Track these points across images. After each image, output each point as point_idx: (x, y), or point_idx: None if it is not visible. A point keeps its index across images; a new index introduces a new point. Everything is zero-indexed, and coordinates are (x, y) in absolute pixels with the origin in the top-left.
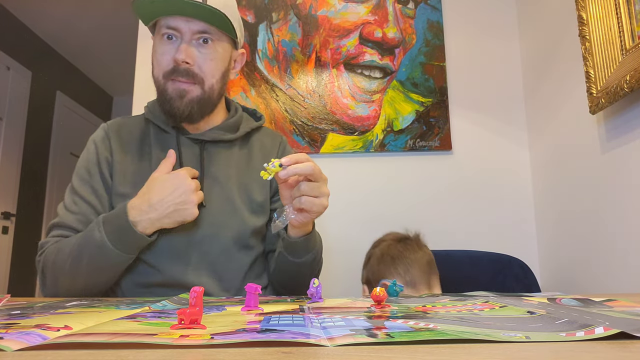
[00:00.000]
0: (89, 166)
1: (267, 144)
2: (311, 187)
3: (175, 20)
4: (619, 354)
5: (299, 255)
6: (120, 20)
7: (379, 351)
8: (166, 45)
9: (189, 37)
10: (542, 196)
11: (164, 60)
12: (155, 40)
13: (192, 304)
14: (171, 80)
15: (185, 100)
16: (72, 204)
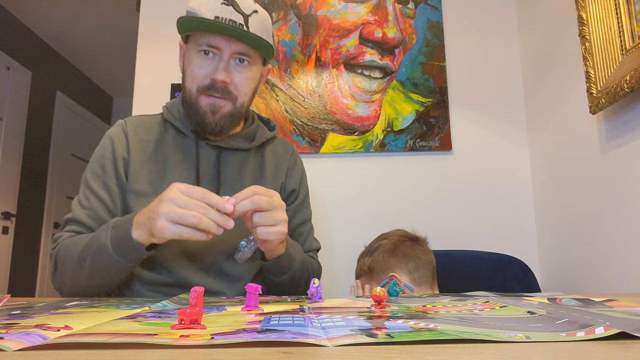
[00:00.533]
0: (104, 162)
1: (279, 152)
2: (263, 217)
3: (217, 39)
4: (619, 354)
5: (275, 275)
6: (120, 21)
7: (379, 351)
8: (204, 60)
9: (227, 57)
10: (542, 196)
11: (200, 74)
12: (189, 51)
13: (193, 304)
14: (205, 95)
15: (217, 115)
16: (85, 199)
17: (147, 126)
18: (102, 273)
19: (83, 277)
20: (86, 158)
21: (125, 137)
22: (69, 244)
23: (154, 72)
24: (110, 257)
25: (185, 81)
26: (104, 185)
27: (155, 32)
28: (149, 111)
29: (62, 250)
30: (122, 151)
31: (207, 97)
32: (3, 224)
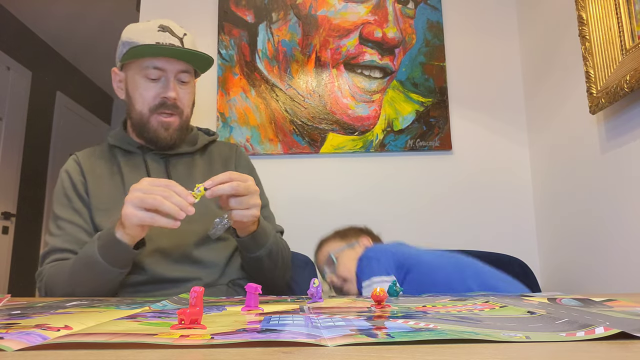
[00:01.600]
0: (66, 192)
1: (225, 152)
2: (239, 201)
3: (162, 62)
4: (619, 354)
5: (252, 251)
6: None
7: (379, 351)
8: (149, 83)
9: (172, 76)
10: (542, 196)
11: (149, 96)
12: (133, 77)
13: (192, 304)
14: (156, 114)
15: (170, 131)
16: (57, 229)
17: (97, 154)
18: (94, 285)
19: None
20: None
21: (79, 166)
22: (54, 271)
23: None
24: (100, 266)
25: (133, 104)
26: (73, 210)
27: None
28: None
29: (49, 278)
30: (79, 178)
31: (158, 115)
32: (3, 224)
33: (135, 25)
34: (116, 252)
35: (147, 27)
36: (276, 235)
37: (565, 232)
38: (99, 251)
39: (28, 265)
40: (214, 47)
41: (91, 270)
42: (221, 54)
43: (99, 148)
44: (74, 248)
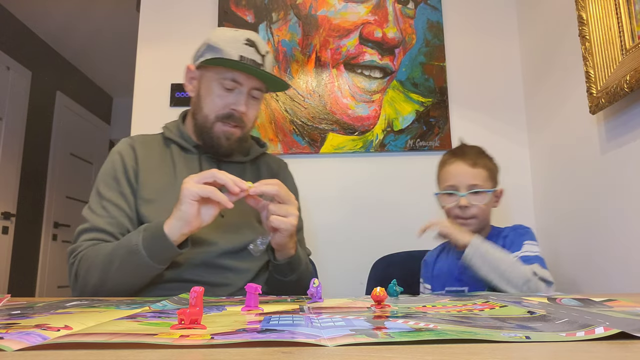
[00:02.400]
0: (116, 174)
1: (273, 167)
2: (278, 207)
3: (241, 76)
4: (619, 354)
5: (284, 274)
6: (120, 21)
7: (379, 351)
8: (224, 91)
9: (247, 91)
10: (542, 196)
11: (220, 104)
12: (209, 80)
13: (192, 304)
14: (221, 122)
15: (230, 141)
16: (101, 209)
17: (151, 143)
18: (128, 277)
19: (109, 281)
20: (86, 158)
21: (132, 151)
22: (93, 252)
23: (154, 72)
24: (140, 258)
25: (202, 106)
26: (120, 194)
27: (155, 32)
28: (149, 111)
29: (86, 258)
30: (131, 162)
31: (223, 124)
32: (3, 224)
33: (223, 32)
34: (160, 248)
35: (234, 37)
36: (307, 263)
37: (565, 232)
38: (143, 243)
39: (28, 265)
40: None
41: (130, 261)
42: None
43: (154, 137)
44: (115, 232)
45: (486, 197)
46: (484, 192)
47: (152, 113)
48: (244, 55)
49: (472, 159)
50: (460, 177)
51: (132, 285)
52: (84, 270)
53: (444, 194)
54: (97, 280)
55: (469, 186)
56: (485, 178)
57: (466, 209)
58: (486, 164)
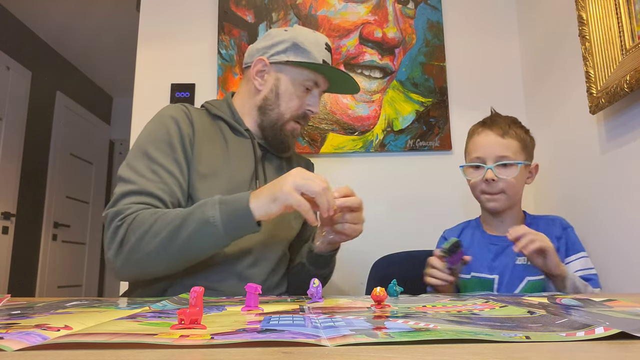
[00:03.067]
0: (171, 140)
1: (302, 166)
2: (354, 216)
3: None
4: (619, 354)
5: (321, 267)
6: (120, 21)
7: (379, 351)
8: (304, 92)
9: (320, 93)
10: (542, 196)
11: (297, 105)
12: (290, 79)
13: (192, 304)
14: (293, 122)
15: (294, 138)
16: (152, 173)
17: (201, 115)
18: (196, 249)
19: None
20: (86, 158)
21: (189, 119)
22: (151, 218)
23: (154, 72)
24: (215, 230)
25: (280, 103)
26: (175, 161)
27: (155, 32)
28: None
29: (140, 222)
30: (187, 130)
31: (294, 123)
32: (3, 224)
33: (307, 33)
34: (241, 224)
35: (317, 40)
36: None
37: None
38: (221, 215)
39: (28, 265)
40: (214, 47)
41: (201, 232)
42: (221, 54)
43: (199, 110)
44: (166, 199)
45: (516, 170)
46: (514, 164)
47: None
48: (325, 59)
49: (502, 128)
50: (487, 148)
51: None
52: (137, 236)
53: (469, 167)
54: (154, 248)
55: (497, 157)
56: (517, 150)
57: (493, 183)
58: (519, 134)
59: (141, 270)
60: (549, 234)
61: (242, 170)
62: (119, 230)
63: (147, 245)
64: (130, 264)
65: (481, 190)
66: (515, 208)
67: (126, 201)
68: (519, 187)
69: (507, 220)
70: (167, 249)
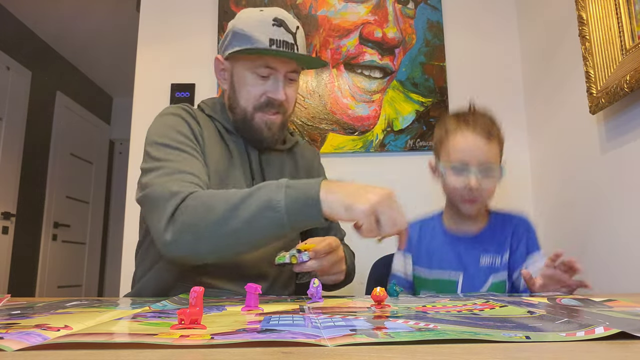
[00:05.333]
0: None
1: (308, 156)
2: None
3: (274, 62)
4: (619, 354)
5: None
6: (120, 21)
7: (379, 351)
8: (258, 80)
9: (282, 76)
10: (541, 196)
11: (256, 93)
12: (241, 70)
13: (192, 304)
14: (261, 112)
15: (272, 130)
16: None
17: (201, 115)
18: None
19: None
20: (86, 158)
21: (194, 118)
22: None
23: (154, 72)
24: (277, 214)
25: (238, 99)
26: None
27: (155, 32)
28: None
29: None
30: (196, 127)
31: (263, 114)
32: (3, 224)
33: (248, 14)
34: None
35: (261, 18)
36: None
37: (565, 232)
38: (286, 199)
39: (28, 265)
40: (214, 47)
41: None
42: None
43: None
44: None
45: (498, 176)
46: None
47: (152, 113)
48: (274, 37)
49: (487, 129)
50: (472, 152)
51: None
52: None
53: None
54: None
55: (481, 163)
56: (498, 153)
57: (477, 191)
58: (498, 134)
59: (191, 248)
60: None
61: (239, 169)
62: (168, 204)
63: (202, 220)
64: (181, 239)
65: (461, 196)
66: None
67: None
68: (495, 190)
69: (473, 217)
70: (222, 228)
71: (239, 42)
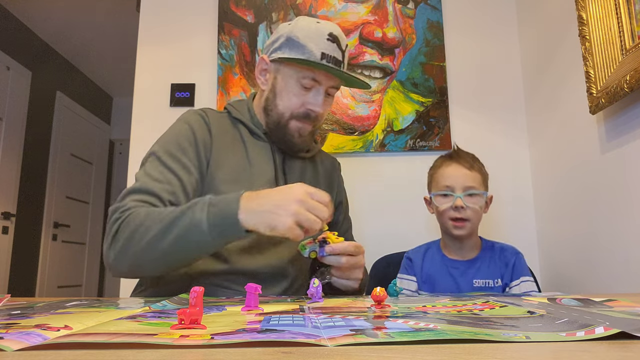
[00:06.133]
0: (183, 144)
1: (327, 166)
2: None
3: (320, 75)
4: (619, 354)
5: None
6: (120, 21)
7: (379, 351)
8: (302, 90)
9: (324, 90)
10: (542, 196)
11: (297, 103)
12: (287, 77)
13: (192, 304)
14: (296, 120)
15: (303, 137)
16: (159, 174)
17: (221, 119)
18: (184, 251)
19: (158, 252)
20: (86, 158)
21: (207, 125)
22: (145, 215)
23: (154, 72)
24: (202, 234)
25: (277, 103)
26: (183, 165)
27: (155, 32)
28: (149, 111)
29: (135, 219)
30: (204, 136)
31: (297, 122)
32: (3, 224)
33: (307, 23)
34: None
35: (318, 30)
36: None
37: (565, 232)
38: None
39: (28, 265)
40: (214, 47)
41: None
42: (221, 54)
43: (218, 113)
44: (166, 198)
45: (481, 200)
46: (479, 194)
47: (152, 113)
48: (325, 52)
49: (469, 162)
50: (457, 178)
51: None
52: (129, 231)
53: (438, 195)
54: (145, 245)
55: (465, 187)
56: (480, 182)
57: (462, 210)
58: (480, 168)
59: (132, 267)
60: (503, 259)
61: (262, 176)
62: (114, 225)
63: (139, 241)
64: (122, 258)
65: (449, 217)
66: (474, 235)
67: (128, 198)
68: (481, 216)
69: (466, 245)
70: (157, 247)
71: (292, 50)
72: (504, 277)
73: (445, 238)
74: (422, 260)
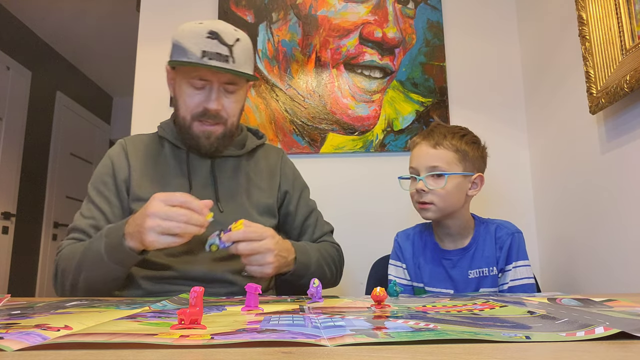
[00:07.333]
0: (104, 178)
1: (271, 158)
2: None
3: (206, 73)
4: (619, 354)
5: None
6: (120, 21)
7: (379, 351)
8: (194, 90)
9: (217, 86)
10: (542, 196)
11: (192, 103)
12: (180, 80)
13: (192, 304)
14: (198, 122)
15: (212, 139)
16: (87, 210)
17: (145, 142)
18: (100, 279)
19: (81, 283)
20: (86, 158)
21: (125, 154)
22: (68, 252)
23: (154, 72)
24: (105, 264)
25: (178, 108)
26: (105, 198)
27: (155, 32)
28: (149, 111)
29: (63, 258)
30: (122, 165)
31: (201, 123)
32: (3, 224)
33: (189, 26)
34: (123, 257)
35: (197, 31)
36: (320, 256)
37: (565, 232)
38: (105, 249)
39: (28, 265)
40: None
41: (97, 265)
42: None
43: (150, 136)
44: (92, 233)
45: (454, 181)
46: (443, 175)
47: (152, 113)
48: (206, 49)
49: (435, 139)
50: (420, 159)
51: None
52: (61, 269)
53: (405, 179)
54: (72, 279)
55: (428, 168)
56: (450, 160)
57: (423, 194)
58: (455, 144)
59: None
60: (498, 242)
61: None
62: (55, 264)
63: (67, 279)
64: (63, 292)
65: (416, 200)
66: (457, 217)
67: (65, 238)
68: (452, 198)
69: (452, 229)
70: (79, 279)
71: (177, 54)
72: (499, 262)
73: (435, 228)
74: (412, 247)
